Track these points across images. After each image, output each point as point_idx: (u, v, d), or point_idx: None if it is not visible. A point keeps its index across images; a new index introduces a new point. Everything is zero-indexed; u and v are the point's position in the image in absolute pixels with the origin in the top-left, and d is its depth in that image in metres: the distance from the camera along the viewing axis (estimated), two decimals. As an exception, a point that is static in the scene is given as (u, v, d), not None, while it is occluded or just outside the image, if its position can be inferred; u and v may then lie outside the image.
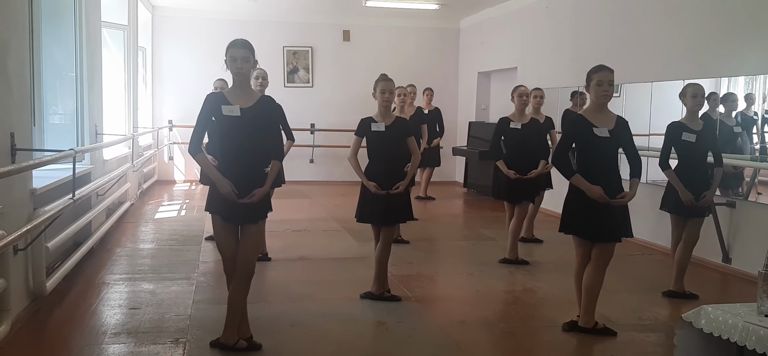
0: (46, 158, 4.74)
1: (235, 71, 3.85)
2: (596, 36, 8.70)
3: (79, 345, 4.12)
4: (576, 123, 4.34)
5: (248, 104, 3.84)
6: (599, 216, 4.23)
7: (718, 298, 5.26)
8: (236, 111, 3.80)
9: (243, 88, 3.91)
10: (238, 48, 3.82)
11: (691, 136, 5.10)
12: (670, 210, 5.32)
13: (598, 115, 4.30)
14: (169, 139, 12.33)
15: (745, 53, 6.26)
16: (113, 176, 7.18)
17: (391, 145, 4.92)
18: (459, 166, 12.78)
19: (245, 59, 3.82)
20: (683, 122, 5.19)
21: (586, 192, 4.20)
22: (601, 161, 4.27)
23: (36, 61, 5.56)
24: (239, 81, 3.88)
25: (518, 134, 6.24)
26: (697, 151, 5.14)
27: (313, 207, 9.79)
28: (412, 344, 4.28)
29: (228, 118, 3.80)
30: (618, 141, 4.30)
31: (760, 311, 2.83)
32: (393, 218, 5.01)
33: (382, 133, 4.87)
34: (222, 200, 3.82)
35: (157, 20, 12.14)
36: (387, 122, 4.91)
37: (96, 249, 6.45)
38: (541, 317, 5.00)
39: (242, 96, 3.87)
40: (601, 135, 4.22)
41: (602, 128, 4.24)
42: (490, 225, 8.47)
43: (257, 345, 4.04)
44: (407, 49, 12.99)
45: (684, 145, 5.12)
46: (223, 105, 3.81)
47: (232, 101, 3.84)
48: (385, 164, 4.90)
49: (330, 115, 12.63)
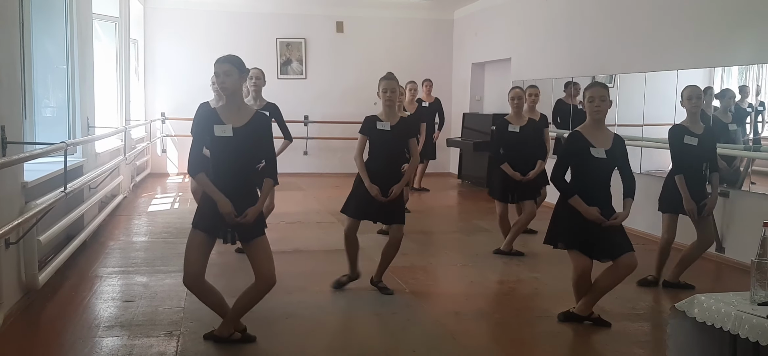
0: (37, 151, 4.70)
1: (219, 87, 3.80)
2: (590, 26, 8.70)
3: (72, 338, 4.10)
4: (574, 142, 4.31)
5: (241, 123, 3.77)
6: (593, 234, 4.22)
7: (711, 287, 5.28)
8: (229, 131, 3.73)
9: (235, 104, 3.82)
10: (220, 63, 3.75)
11: (693, 139, 5.08)
12: (664, 209, 5.29)
13: (596, 132, 4.29)
14: (161, 131, 12.28)
15: (739, 43, 6.26)
16: (106, 169, 7.14)
17: (395, 145, 4.92)
18: (453, 157, 12.79)
19: (227, 74, 3.72)
20: (684, 126, 5.16)
21: (583, 213, 4.20)
22: (596, 180, 4.27)
23: (27, 54, 5.51)
24: (229, 97, 3.81)
25: (516, 137, 6.23)
26: (697, 155, 5.13)
27: (306, 199, 9.78)
28: (406, 335, 4.28)
29: (220, 138, 3.73)
30: (614, 161, 4.29)
31: (753, 300, 2.84)
32: (392, 217, 4.98)
33: (387, 132, 4.85)
34: (211, 217, 3.76)
35: (149, 12, 12.06)
36: (392, 121, 4.89)
37: (89, 242, 6.42)
38: (536, 308, 5.01)
39: (236, 114, 3.79)
40: (598, 156, 4.22)
41: (599, 148, 4.22)
42: (485, 216, 8.48)
43: (251, 337, 4.03)
44: (401, 41, 12.96)
45: (685, 149, 5.10)
46: (216, 124, 3.74)
47: (224, 119, 3.77)
48: (386, 163, 4.89)
49: (323, 107, 12.60)
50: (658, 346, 4.12)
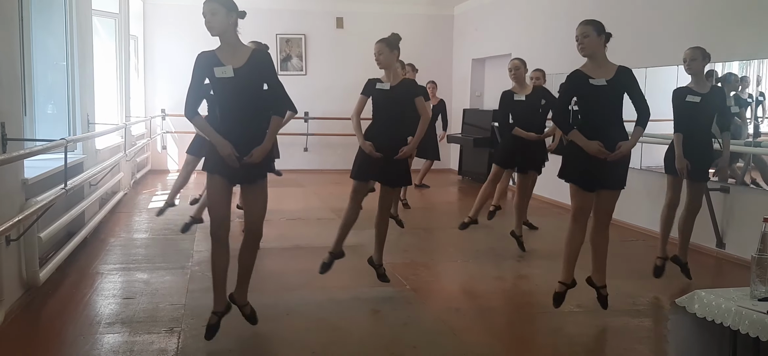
0: (37, 147, 4.71)
1: (206, 27, 3.70)
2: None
3: (73, 335, 4.11)
4: (573, 77, 4.28)
5: (241, 62, 3.68)
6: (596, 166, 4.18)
7: (711, 283, 5.28)
8: (229, 71, 3.64)
9: (231, 44, 3.72)
10: (206, 3, 3.66)
11: (696, 97, 5.05)
12: (668, 170, 5.25)
13: (595, 67, 4.24)
14: (162, 128, 12.28)
15: (739, 38, 6.25)
16: (106, 166, 7.14)
17: (397, 105, 4.76)
18: (454, 153, 12.78)
19: (213, 13, 3.63)
20: (688, 86, 5.15)
21: (584, 148, 4.15)
22: (600, 111, 4.21)
23: (26, 51, 5.51)
24: (222, 38, 3.72)
25: (523, 106, 6.20)
26: (700, 114, 5.07)
27: (307, 196, 9.78)
28: (407, 331, 4.28)
29: (221, 80, 3.66)
30: (618, 90, 4.21)
31: (753, 295, 2.84)
32: (392, 178, 4.86)
33: (387, 92, 4.72)
34: (222, 160, 3.70)
35: (148, 8, 12.05)
36: (393, 81, 4.77)
37: (89, 239, 6.43)
38: (537, 303, 5.01)
39: (234, 54, 3.70)
40: (598, 84, 4.15)
41: (599, 78, 4.18)
42: (485, 212, 8.47)
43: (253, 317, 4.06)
44: (401, 36, 12.93)
45: (688, 106, 5.06)
46: (216, 66, 3.66)
47: (223, 60, 3.68)
48: (387, 124, 4.74)
49: (324, 103, 12.58)
50: (658, 342, 4.12)
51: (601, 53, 4.26)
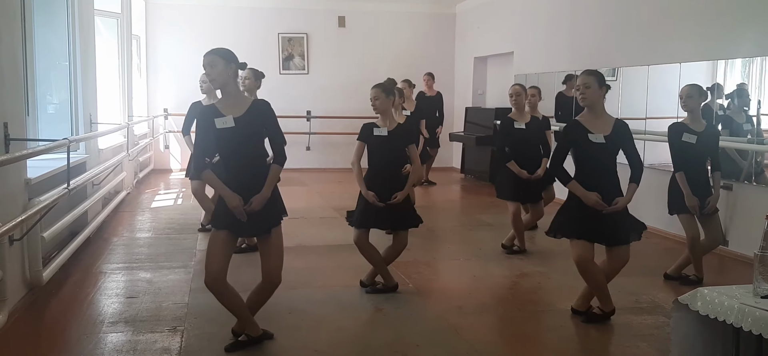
0: (40, 147, 4.72)
1: (208, 80, 3.76)
2: (593, 20, 8.67)
3: (76, 334, 4.12)
4: (571, 130, 4.30)
5: (241, 112, 3.72)
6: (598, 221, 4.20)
7: (715, 280, 5.27)
8: (230, 122, 3.68)
9: (231, 95, 3.76)
10: (205, 56, 3.69)
11: (692, 137, 5.05)
12: (677, 211, 5.25)
13: (594, 119, 4.26)
14: (164, 127, 12.30)
15: (742, 36, 6.24)
16: (109, 166, 7.16)
17: (393, 151, 4.84)
18: (456, 152, 12.78)
19: (211, 65, 3.66)
20: (684, 123, 5.14)
21: (582, 198, 4.19)
22: (597, 167, 4.24)
23: (29, 51, 5.52)
24: (223, 90, 3.76)
25: (522, 134, 6.14)
26: (697, 153, 5.10)
27: (309, 195, 9.79)
28: (410, 330, 4.28)
29: (223, 130, 3.69)
30: (615, 146, 4.25)
31: (756, 292, 2.83)
32: (400, 223, 4.94)
33: (385, 138, 4.78)
34: (227, 214, 3.72)
35: (150, 8, 12.06)
36: (389, 126, 4.82)
37: (92, 239, 6.44)
38: (539, 301, 5.01)
39: (234, 104, 3.74)
40: (597, 141, 4.19)
41: (598, 133, 4.20)
42: (488, 211, 8.48)
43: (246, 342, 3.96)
44: (403, 35, 12.95)
45: (684, 146, 5.08)
46: (216, 118, 3.69)
47: (224, 111, 3.72)
48: (385, 170, 4.82)
49: (326, 102, 12.59)
50: (661, 339, 4.12)
51: (600, 105, 4.29)
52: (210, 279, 3.75)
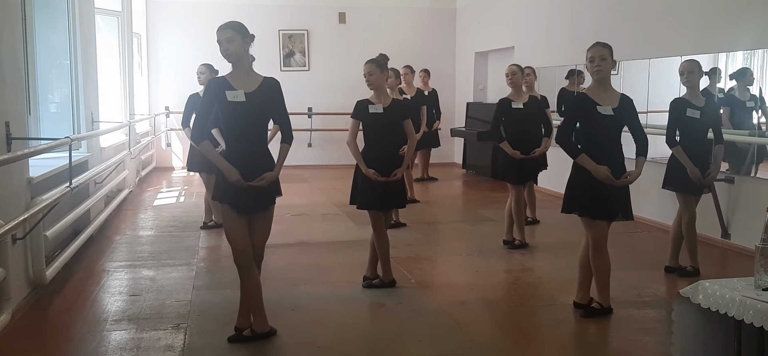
0: (42, 146, 4.73)
1: (222, 54, 3.74)
2: (593, 14, 8.65)
3: (80, 332, 4.13)
4: (579, 101, 4.27)
5: (253, 88, 3.74)
6: (602, 195, 4.17)
7: (717, 273, 5.27)
8: (241, 96, 3.69)
9: (243, 70, 3.77)
10: (221, 30, 3.70)
11: (696, 112, 5.05)
12: (676, 188, 5.25)
13: (601, 92, 4.23)
14: (166, 125, 12.31)
15: (743, 28, 6.23)
16: (111, 164, 7.17)
17: (389, 127, 4.80)
18: (457, 147, 12.77)
19: (229, 40, 3.67)
20: (686, 99, 5.13)
21: (592, 172, 4.13)
22: (605, 139, 4.21)
23: (30, 50, 5.53)
24: (237, 64, 3.76)
25: (520, 114, 6.12)
26: (700, 128, 5.11)
27: (311, 191, 9.80)
28: (412, 325, 4.30)
29: (233, 104, 3.69)
30: (622, 119, 4.23)
31: (758, 285, 2.84)
32: (390, 203, 4.94)
33: (380, 115, 4.75)
34: (231, 188, 3.73)
35: (151, 6, 12.06)
36: (384, 103, 4.78)
37: (95, 237, 6.46)
38: (541, 296, 5.02)
39: (245, 80, 3.75)
40: (605, 113, 4.15)
41: (606, 106, 4.17)
42: (490, 206, 8.48)
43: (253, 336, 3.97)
44: (404, 31, 12.93)
45: (688, 122, 5.07)
46: (228, 90, 3.70)
47: (235, 85, 3.72)
48: (383, 147, 4.78)
49: (327, 98, 12.58)
50: (663, 333, 4.12)
51: (609, 78, 4.27)
52: (239, 253, 3.81)
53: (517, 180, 6.21)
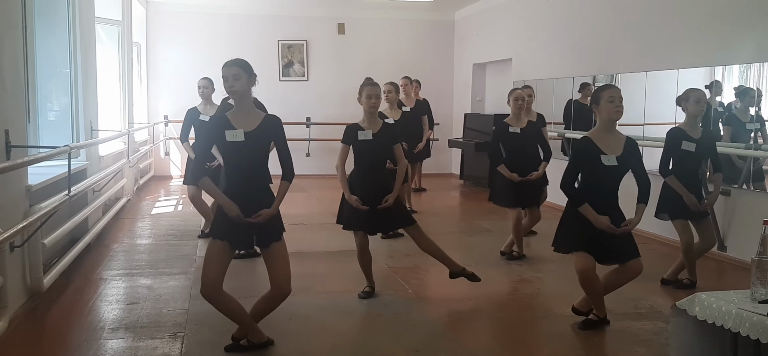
0: (41, 154, 4.74)
1: (227, 91, 3.76)
2: (591, 26, 8.71)
3: (77, 340, 4.13)
4: (585, 149, 4.21)
5: (252, 126, 3.74)
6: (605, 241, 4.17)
7: (713, 286, 5.27)
8: (240, 136, 3.69)
9: (245, 108, 3.78)
10: (228, 67, 3.71)
11: (691, 145, 5.06)
12: (671, 215, 5.27)
13: (607, 137, 4.20)
14: (164, 134, 12.32)
15: (740, 42, 6.27)
16: (109, 172, 7.17)
17: (378, 153, 4.84)
18: (455, 158, 12.80)
19: (236, 78, 3.69)
20: (683, 129, 5.13)
21: (593, 222, 4.12)
22: (605, 187, 4.21)
23: (30, 58, 5.54)
24: (239, 101, 3.77)
25: (518, 138, 6.10)
26: (694, 160, 5.13)
27: (309, 201, 9.80)
28: (409, 335, 4.30)
29: (232, 143, 3.70)
30: (626, 167, 4.22)
31: (754, 297, 2.85)
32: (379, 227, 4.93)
33: (370, 141, 4.77)
34: (229, 225, 3.74)
35: (151, 15, 12.10)
36: (374, 129, 4.81)
37: (93, 245, 6.45)
38: (538, 307, 5.03)
39: (246, 118, 3.76)
40: (609, 164, 4.14)
41: (611, 155, 4.15)
42: (487, 217, 8.49)
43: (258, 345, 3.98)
44: (402, 42, 12.99)
45: (683, 154, 5.09)
46: (227, 130, 3.71)
47: (235, 124, 3.73)
48: (371, 173, 4.80)
49: (325, 108, 12.62)
50: (660, 345, 4.13)
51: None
52: (206, 289, 3.78)
53: (513, 203, 6.19)
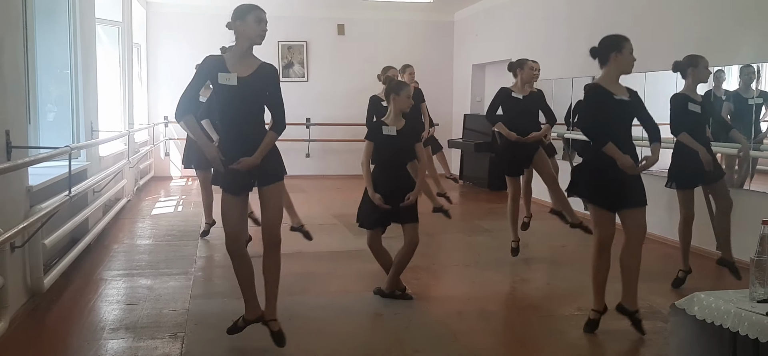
0: (41, 155, 4.74)
1: (259, 35, 3.67)
2: (589, 27, 8.71)
3: (77, 341, 4.14)
4: (597, 92, 4.21)
5: (247, 72, 3.68)
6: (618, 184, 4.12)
7: (712, 285, 5.27)
8: (233, 80, 3.64)
9: (247, 54, 3.73)
10: (262, 13, 3.69)
11: (696, 106, 5.09)
12: (680, 185, 5.22)
13: (615, 85, 4.23)
14: (164, 135, 12.33)
15: (739, 42, 6.28)
16: (109, 173, 7.18)
17: (402, 150, 4.88)
18: (455, 158, 12.80)
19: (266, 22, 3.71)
20: (686, 93, 5.15)
21: (618, 161, 4.06)
22: (620, 127, 4.19)
23: (30, 59, 5.55)
24: (247, 47, 3.71)
25: (520, 105, 6.08)
26: (701, 121, 5.14)
27: (309, 202, 9.80)
28: (409, 335, 4.31)
29: (223, 86, 3.65)
30: (634, 108, 4.24)
31: (753, 297, 2.86)
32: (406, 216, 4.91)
33: (394, 137, 4.80)
34: (227, 175, 3.71)
35: (151, 16, 12.11)
36: (398, 126, 4.84)
37: (93, 246, 6.46)
38: (539, 307, 5.03)
39: (243, 63, 3.70)
40: (621, 99, 4.15)
41: (620, 95, 4.18)
42: (486, 217, 8.50)
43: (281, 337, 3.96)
44: (402, 43, 12.99)
45: (690, 116, 5.09)
46: (220, 72, 3.65)
47: (230, 67, 3.67)
48: (392, 170, 4.84)
49: (325, 109, 12.64)
50: (659, 344, 4.14)
51: None
52: (230, 240, 3.81)
53: (514, 170, 6.16)
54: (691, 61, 5.16)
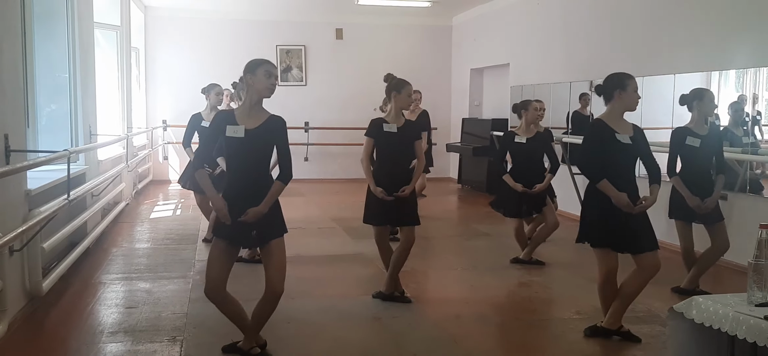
0: (40, 159, 4.74)
1: (267, 88, 3.75)
2: (587, 31, 8.75)
3: (76, 344, 4.13)
4: (599, 129, 4.21)
5: (255, 124, 3.76)
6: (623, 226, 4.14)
7: (710, 289, 5.29)
8: (240, 132, 3.72)
9: (256, 107, 3.80)
10: (273, 68, 3.78)
11: (696, 140, 5.06)
12: (675, 216, 5.26)
13: (618, 121, 4.22)
14: (163, 139, 12.33)
15: (736, 47, 6.31)
16: (108, 177, 7.18)
17: (401, 147, 4.91)
18: (453, 162, 12.83)
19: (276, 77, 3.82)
20: (688, 127, 5.14)
21: (613, 199, 4.08)
22: (621, 168, 4.20)
23: (29, 63, 5.56)
24: (256, 100, 3.79)
25: (525, 148, 6.12)
26: (700, 156, 5.11)
27: (307, 205, 9.80)
28: (407, 339, 4.31)
29: (231, 139, 3.73)
30: (637, 148, 4.23)
31: (751, 301, 2.87)
32: (399, 219, 4.99)
33: (394, 134, 4.84)
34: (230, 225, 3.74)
35: (149, 20, 12.12)
36: (399, 123, 4.88)
37: (92, 249, 6.45)
38: (537, 311, 5.04)
39: (252, 116, 3.77)
40: (624, 141, 4.15)
41: (624, 134, 4.17)
42: (485, 221, 8.51)
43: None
44: (400, 47, 13.02)
45: (687, 150, 5.09)
46: (229, 125, 3.74)
47: (239, 120, 3.76)
48: (393, 166, 4.89)
49: (324, 113, 12.65)
50: (657, 348, 4.15)
51: None
52: (209, 287, 3.81)
53: (514, 213, 6.21)
54: (697, 95, 5.13)
